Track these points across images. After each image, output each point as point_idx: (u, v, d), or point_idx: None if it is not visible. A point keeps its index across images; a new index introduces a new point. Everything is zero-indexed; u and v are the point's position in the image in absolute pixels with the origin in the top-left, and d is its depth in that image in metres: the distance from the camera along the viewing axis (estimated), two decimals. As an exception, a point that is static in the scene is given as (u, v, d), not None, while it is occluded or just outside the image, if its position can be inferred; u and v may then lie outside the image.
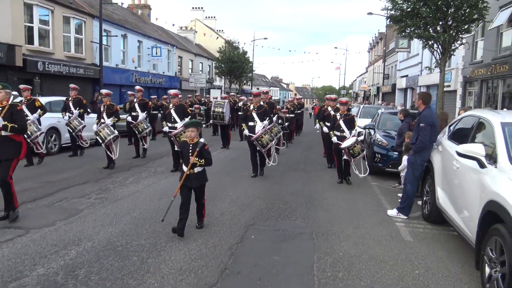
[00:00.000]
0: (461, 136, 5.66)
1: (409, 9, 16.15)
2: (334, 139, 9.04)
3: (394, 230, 5.94)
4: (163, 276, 4.12)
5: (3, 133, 5.59)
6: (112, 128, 10.15)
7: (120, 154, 10.70)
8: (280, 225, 5.94)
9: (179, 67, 38.41)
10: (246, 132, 9.37)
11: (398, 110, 10.89)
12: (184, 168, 5.28)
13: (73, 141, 12.00)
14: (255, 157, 9.47)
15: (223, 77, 45.38)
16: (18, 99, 10.35)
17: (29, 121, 9.64)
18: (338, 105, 9.76)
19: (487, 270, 3.91)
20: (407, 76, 34.48)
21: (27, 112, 9.94)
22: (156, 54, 31.83)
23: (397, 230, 5.97)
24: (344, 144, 8.65)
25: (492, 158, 4.39)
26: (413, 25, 16.08)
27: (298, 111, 19.21)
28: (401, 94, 37.52)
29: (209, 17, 57.58)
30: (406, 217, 6.59)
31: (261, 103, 9.62)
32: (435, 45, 16.04)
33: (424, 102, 6.87)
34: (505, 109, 11.35)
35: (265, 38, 67.31)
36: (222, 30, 59.50)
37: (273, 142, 9.44)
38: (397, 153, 9.30)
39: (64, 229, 5.43)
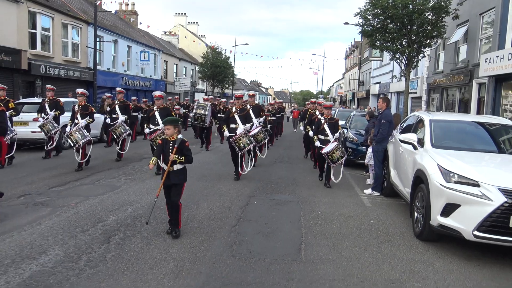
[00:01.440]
0: (407, 130, 7.73)
1: (378, 25, 18.44)
2: (317, 143, 9.33)
3: (359, 200, 7.98)
4: (200, 220, 6.02)
5: None
6: (84, 131, 9.85)
7: (98, 155, 11.65)
8: (273, 196, 7.90)
9: (164, 71, 40.03)
10: (226, 133, 9.38)
11: (367, 112, 13.01)
12: (164, 166, 5.29)
13: (47, 142, 11.43)
14: (236, 159, 9.37)
15: (205, 80, 47.15)
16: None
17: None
18: (323, 109, 9.94)
19: (416, 215, 5.95)
20: (379, 83, 37.10)
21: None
22: (144, 58, 33.42)
23: (361, 200, 8.01)
24: (325, 150, 8.90)
25: (421, 143, 6.45)
26: (382, 40, 18.36)
27: (279, 115, 19.67)
28: (374, 100, 40.08)
29: (192, 22, 59.20)
30: (378, 194, 8.60)
31: (247, 106, 9.92)
32: (401, 57, 18.36)
33: (385, 104, 9.02)
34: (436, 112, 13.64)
35: (246, 44, 69.20)
36: (204, 35, 61.22)
37: (251, 146, 9.25)
38: (364, 147, 11.37)
39: (114, 197, 7.24)
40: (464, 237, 4.93)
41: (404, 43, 18.14)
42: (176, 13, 57.28)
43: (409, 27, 17.56)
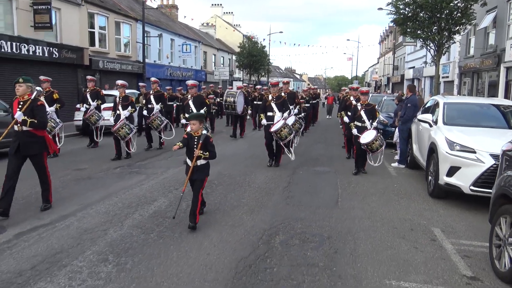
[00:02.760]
0: (426, 111, 9.19)
1: (409, 14, 19.56)
2: (355, 131, 9.09)
3: (386, 171, 9.55)
4: (259, 184, 7.82)
5: (24, 128, 5.67)
6: (130, 124, 10.17)
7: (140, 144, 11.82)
8: (314, 168, 9.60)
9: (204, 61, 42.08)
10: (264, 121, 9.45)
11: (396, 97, 14.38)
12: (189, 161, 5.37)
13: (91, 132, 11.94)
14: (271, 145, 9.47)
15: (242, 69, 48.94)
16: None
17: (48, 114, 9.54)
18: (359, 95, 9.73)
19: (429, 178, 7.50)
20: (414, 67, 37.70)
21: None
22: (186, 50, 35.49)
23: (388, 171, 9.58)
24: (363, 140, 8.68)
25: (435, 121, 7.96)
26: (412, 27, 19.49)
27: (314, 101, 19.47)
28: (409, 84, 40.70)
29: (227, 12, 60.89)
30: (403, 166, 10.12)
31: (282, 93, 9.84)
32: (431, 44, 19.44)
33: (410, 91, 10.53)
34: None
35: (281, 32, 70.40)
36: (239, 25, 62.85)
37: (292, 136, 9.31)
38: (393, 128, 12.81)
39: (164, 175, 9.14)
40: (463, 191, 6.48)
41: (434, 30, 19.20)
42: (212, 4, 59.07)
43: (438, 15, 18.60)
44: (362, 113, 9.11)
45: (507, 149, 4.55)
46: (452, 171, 6.65)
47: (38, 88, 6.39)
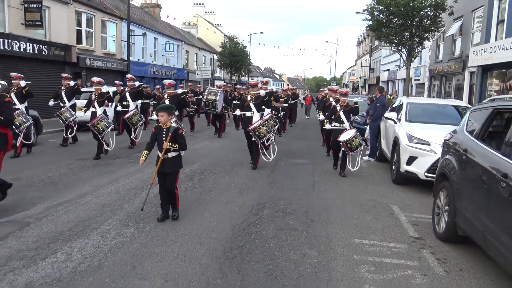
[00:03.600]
0: (393, 110, 10.42)
1: (383, 20, 20.93)
2: (328, 126, 9.50)
3: (357, 163, 10.75)
4: (245, 172, 8.88)
5: None
6: (108, 119, 10.13)
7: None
8: (294, 160, 10.73)
9: (186, 60, 42.85)
10: (237, 112, 9.66)
11: (368, 98, 15.63)
12: (159, 153, 5.34)
13: (66, 130, 11.63)
14: (252, 147, 9.54)
15: (223, 69, 49.89)
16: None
17: (17, 111, 9.46)
18: (338, 96, 9.88)
19: (393, 167, 8.70)
20: (388, 70, 39.42)
21: (15, 101, 9.81)
22: (169, 49, 36.24)
23: (359, 163, 10.77)
24: (342, 138, 8.77)
25: (399, 119, 9.17)
26: (386, 33, 20.87)
27: (292, 102, 19.58)
28: (384, 86, 42.41)
29: (208, 12, 61.70)
30: (373, 160, 11.32)
31: (260, 93, 9.62)
32: (402, 49, 20.87)
33: (380, 92, 11.78)
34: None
35: (261, 33, 71.29)
36: (221, 24, 63.78)
37: (270, 134, 9.34)
38: (366, 126, 14.05)
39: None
40: (419, 177, 7.69)
41: (406, 36, 20.62)
42: (194, 4, 59.79)
43: (409, 22, 20.03)
44: (341, 114, 9.25)
45: (447, 139, 5.73)
46: (410, 160, 7.86)
47: (2, 82, 6.12)
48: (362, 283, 3.97)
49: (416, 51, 20.71)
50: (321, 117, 11.41)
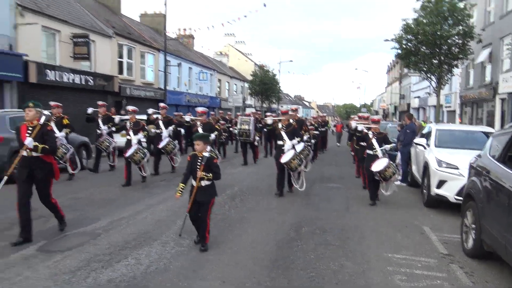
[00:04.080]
0: (423, 136, 10.87)
1: (412, 49, 21.45)
2: (361, 127, 9.87)
3: (391, 187, 11.16)
4: (281, 197, 9.46)
5: (34, 154, 5.52)
6: (144, 150, 10.30)
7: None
8: (328, 184, 11.25)
9: (218, 89, 44.33)
10: (281, 143, 9.30)
11: (398, 124, 16.05)
12: (193, 182, 5.38)
13: (97, 157, 11.96)
14: (282, 175, 9.43)
15: (253, 96, 51.17)
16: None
17: (57, 139, 9.03)
18: (370, 124, 9.86)
19: (424, 191, 9.11)
20: (419, 97, 39.53)
21: (55, 129, 9.30)
22: (203, 78, 37.77)
23: (394, 189, 11.20)
24: (375, 168, 8.64)
25: (428, 144, 9.62)
26: (414, 61, 21.34)
27: (322, 129, 19.61)
28: (414, 113, 42.44)
29: (239, 41, 63.78)
30: (405, 184, 11.71)
31: (290, 121, 9.64)
32: (431, 76, 21.25)
33: (409, 119, 12.30)
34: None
35: (291, 61, 73.19)
36: (251, 54, 65.68)
37: (302, 166, 9.39)
38: (396, 152, 14.45)
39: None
40: (449, 200, 8.08)
41: (434, 64, 21.02)
42: (225, 34, 61.97)
43: (438, 50, 20.47)
44: (374, 141, 9.16)
45: (472, 162, 6.20)
46: (440, 184, 8.28)
47: (46, 112, 5.97)
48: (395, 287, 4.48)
49: (445, 78, 21.04)
50: (358, 126, 10.72)
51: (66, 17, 20.00)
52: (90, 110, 12.61)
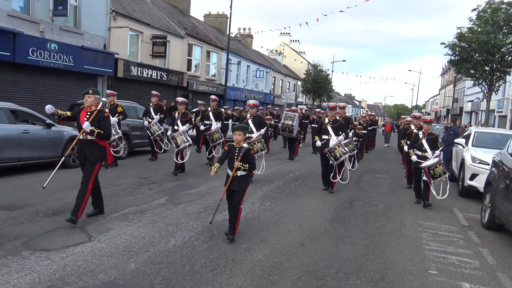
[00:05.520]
0: (464, 137, 12.35)
1: (465, 56, 22.45)
2: (414, 157, 8.79)
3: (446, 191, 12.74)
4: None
5: (88, 137, 5.82)
6: (187, 136, 10.50)
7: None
8: (375, 175, 13.00)
9: (272, 86, 46.44)
10: (318, 143, 9.34)
11: (444, 126, 17.35)
12: (229, 171, 5.53)
13: (152, 145, 12.46)
14: (327, 172, 9.47)
15: (306, 94, 52.84)
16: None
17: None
18: (421, 123, 9.43)
19: (459, 183, 10.69)
20: (472, 101, 39.64)
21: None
22: (259, 76, 40.01)
23: (448, 191, 12.75)
24: (425, 163, 8.48)
25: (467, 144, 11.15)
26: (466, 68, 22.34)
27: (370, 128, 19.26)
28: (467, 116, 42.52)
29: (294, 40, 65.46)
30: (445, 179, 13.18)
31: (337, 117, 9.64)
32: (483, 82, 22.16)
33: (453, 122, 13.80)
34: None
35: (344, 61, 73.68)
36: (304, 52, 67.14)
37: (346, 156, 9.38)
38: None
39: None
40: (479, 190, 9.64)
41: (486, 70, 21.93)
42: (281, 33, 63.81)
43: (490, 57, 21.38)
44: (424, 142, 8.79)
45: (494, 157, 7.84)
46: (473, 177, 9.87)
47: (103, 99, 6.51)
48: (422, 239, 6.31)
49: (496, 85, 21.87)
50: (405, 148, 10.74)
51: (148, 20, 22.79)
52: (146, 123, 12.48)
